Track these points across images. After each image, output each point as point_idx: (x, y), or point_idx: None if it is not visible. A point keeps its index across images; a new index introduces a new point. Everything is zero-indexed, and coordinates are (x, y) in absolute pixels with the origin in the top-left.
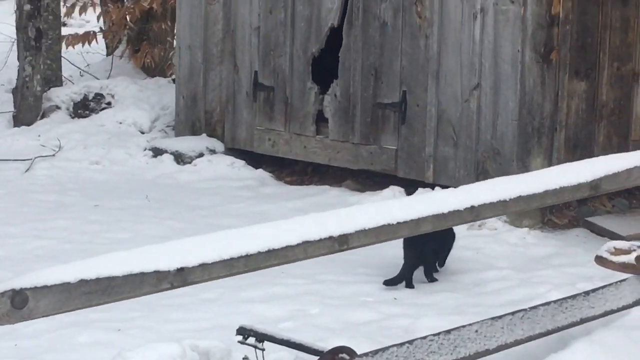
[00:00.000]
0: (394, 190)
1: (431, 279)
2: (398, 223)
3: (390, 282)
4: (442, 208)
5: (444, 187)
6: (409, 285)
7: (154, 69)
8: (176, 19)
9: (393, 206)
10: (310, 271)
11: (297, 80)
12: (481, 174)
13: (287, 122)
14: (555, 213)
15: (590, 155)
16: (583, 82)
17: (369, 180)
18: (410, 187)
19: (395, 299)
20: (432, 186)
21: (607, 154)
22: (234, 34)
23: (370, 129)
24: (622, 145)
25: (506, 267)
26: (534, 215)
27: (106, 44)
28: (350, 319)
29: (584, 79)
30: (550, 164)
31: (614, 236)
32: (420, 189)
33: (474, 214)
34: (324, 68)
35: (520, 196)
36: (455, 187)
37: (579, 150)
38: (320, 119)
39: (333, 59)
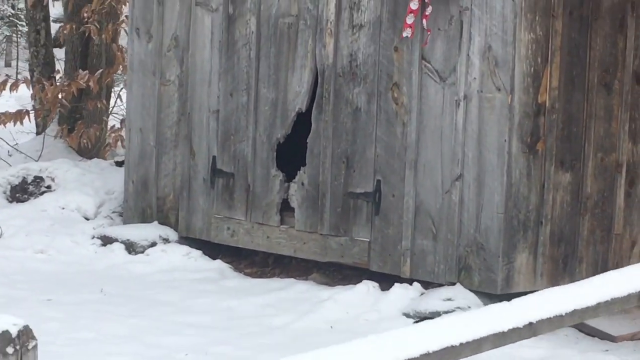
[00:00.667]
0: (368, 285)
1: None
2: (461, 344)
3: None
4: (502, 326)
5: (421, 282)
6: None
7: (89, 150)
8: (127, 100)
9: (453, 325)
10: None
11: (260, 166)
12: (463, 269)
13: (249, 210)
14: None
15: (575, 250)
16: (568, 174)
17: (337, 273)
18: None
19: None
20: (409, 281)
21: (590, 248)
22: (191, 117)
23: (340, 220)
24: (605, 239)
25: None
26: None
27: (37, 122)
28: None
29: (569, 169)
30: (535, 260)
31: (604, 336)
32: (396, 285)
33: (532, 330)
34: (290, 154)
35: (575, 310)
36: (434, 282)
37: (563, 244)
38: (285, 208)
39: (300, 145)
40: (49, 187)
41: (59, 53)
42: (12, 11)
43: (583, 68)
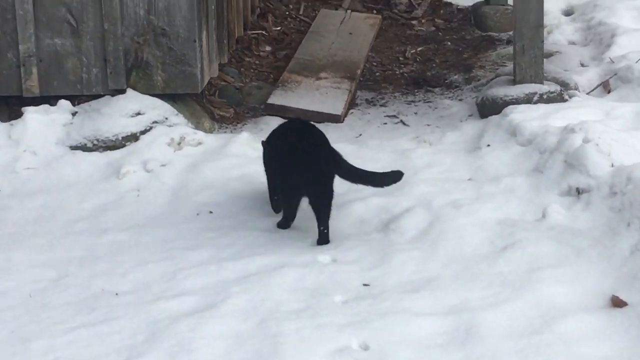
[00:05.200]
0: None
1: None
2: None
3: None
4: None
5: (59, 98)
6: None
7: None
8: None
9: None
10: None
11: None
12: (134, 68)
13: None
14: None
15: None
16: None
17: None
18: None
19: None
20: (38, 101)
21: None
22: None
23: None
24: None
25: None
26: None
27: None
28: None
29: None
30: (209, 39)
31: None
32: (27, 109)
33: None
34: None
35: None
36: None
37: None
38: None
39: None
40: None
41: None
42: None
43: None
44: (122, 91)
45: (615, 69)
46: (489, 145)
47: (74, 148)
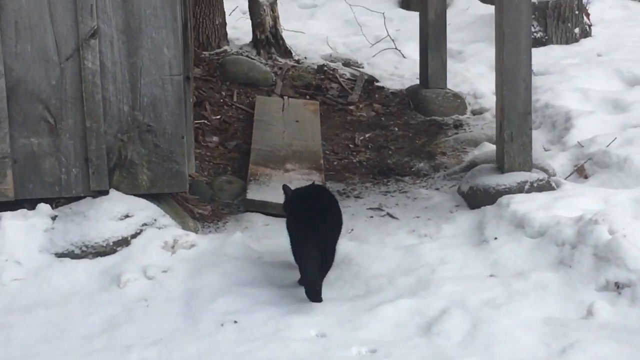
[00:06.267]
0: None
1: None
2: None
3: None
4: None
5: (37, 202)
6: None
7: None
8: None
9: None
10: None
11: None
12: (118, 167)
13: None
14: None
15: None
16: None
17: None
18: None
19: None
20: (14, 205)
21: None
22: None
23: None
24: None
25: None
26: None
27: None
28: None
29: None
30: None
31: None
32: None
33: None
34: None
35: None
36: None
37: None
38: None
39: None
40: None
41: None
42: None
43: None
44: (105, 192)
45: (587, 154)
46: (496, 239)
47: (60, 255)
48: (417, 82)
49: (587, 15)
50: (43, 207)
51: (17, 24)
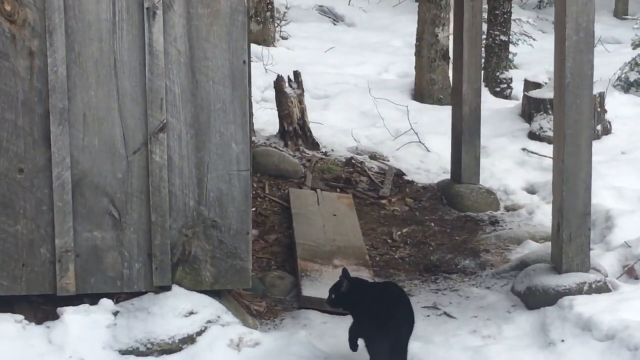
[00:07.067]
0: (10, 322)
1: None
2: None
3: None
4: None
5: (98, 296)
6: None
7: None
8: None
9: None
10: None
11: None
12: (181, 262)
13: None
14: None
15: None
16: None
17: None
18: None
19: None
20: (75, 300)
21: None
22: None
23: None
24: None
25: None
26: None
27: None
28: None
29: None
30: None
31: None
32: (65, 310)
33: None
34: None
35: None
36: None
37: None
38: None
39: None
40: None
41: None
42: None
43: None
44: (167, 288)
45: (636, 254)
46: (563, 341)
47: (124, 352)
48: (445, 176)
49: (605, 111)
50: (105, 302)
51: (86, 116)
